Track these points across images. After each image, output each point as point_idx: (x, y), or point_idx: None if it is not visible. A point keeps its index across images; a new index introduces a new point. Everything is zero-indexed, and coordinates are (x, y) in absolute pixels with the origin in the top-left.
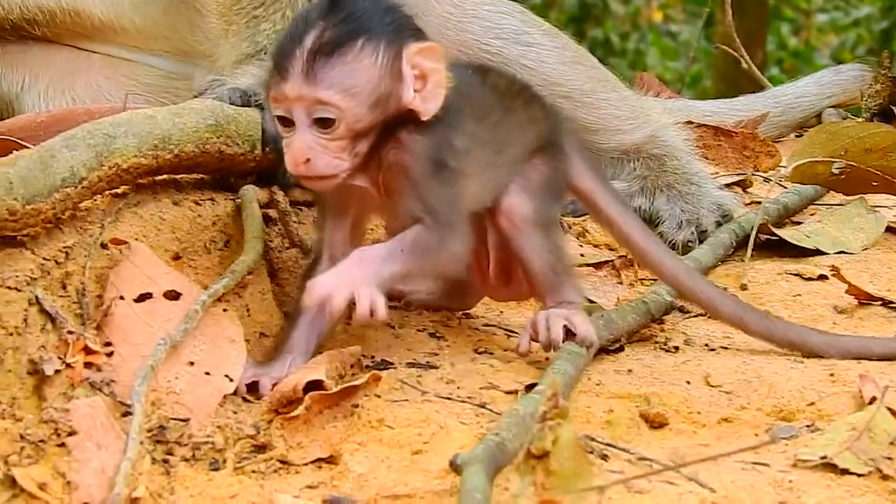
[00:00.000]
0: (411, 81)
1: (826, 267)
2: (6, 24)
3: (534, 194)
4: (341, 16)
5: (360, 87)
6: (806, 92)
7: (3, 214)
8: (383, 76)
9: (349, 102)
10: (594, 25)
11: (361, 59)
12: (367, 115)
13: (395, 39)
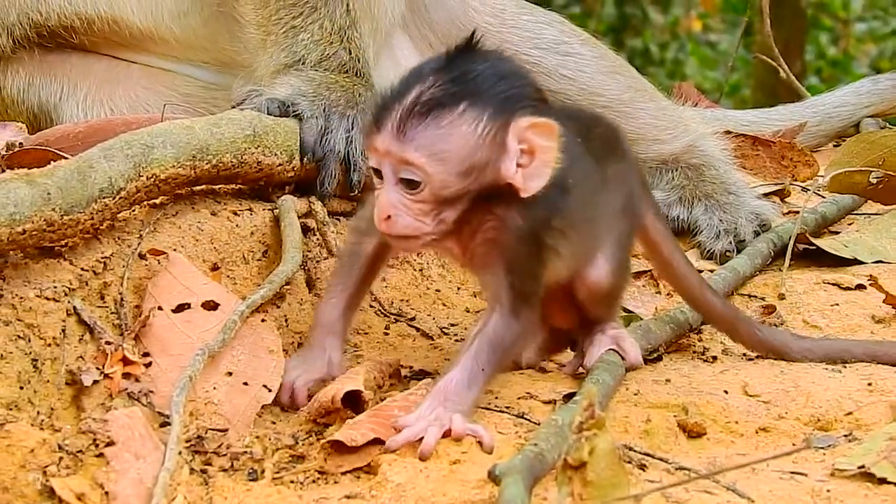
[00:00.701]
0: (516, 156)
1: (864, 276)
2: (44, 31)
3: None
4: (452, 75)
5: (451, 153)
6: (844, 101)
7: (41, 225)
8: (481, 146)
9: (436, 167)
10: (633, 35)
11: (459, 125)
12: (456, 183)
13: (503, 110)
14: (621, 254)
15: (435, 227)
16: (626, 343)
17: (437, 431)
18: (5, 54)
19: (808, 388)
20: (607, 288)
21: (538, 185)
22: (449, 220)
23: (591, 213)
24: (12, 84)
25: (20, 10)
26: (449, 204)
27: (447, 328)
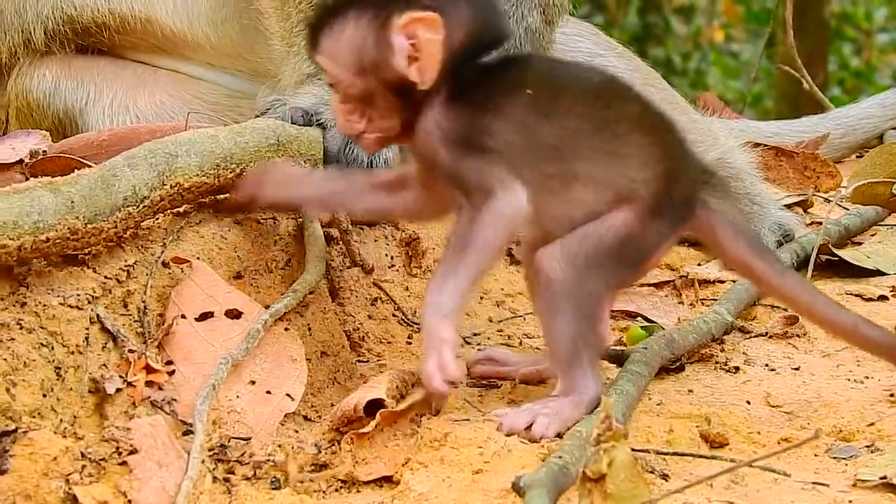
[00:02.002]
0: (404, 51)
1: (887, 287)
2: (77, 27)
3: (579, 258)
4: None
5: (343, 54)
6: (869, 114)
7: (64, 233)
8: (367, 45)
9: (335, 69)
10: (656, 45)
11: (346, 27)
12: (357, 82)
13: (384, 8)
14: (595, 260)
15: (368, 126)
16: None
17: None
18: (38, 51)
19: (830, 398)
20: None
21: (430, 78)
22: (379, 120)
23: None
24: (38, 88)
25: (54, 4)
26: (366, 103)
27: (470, 338)
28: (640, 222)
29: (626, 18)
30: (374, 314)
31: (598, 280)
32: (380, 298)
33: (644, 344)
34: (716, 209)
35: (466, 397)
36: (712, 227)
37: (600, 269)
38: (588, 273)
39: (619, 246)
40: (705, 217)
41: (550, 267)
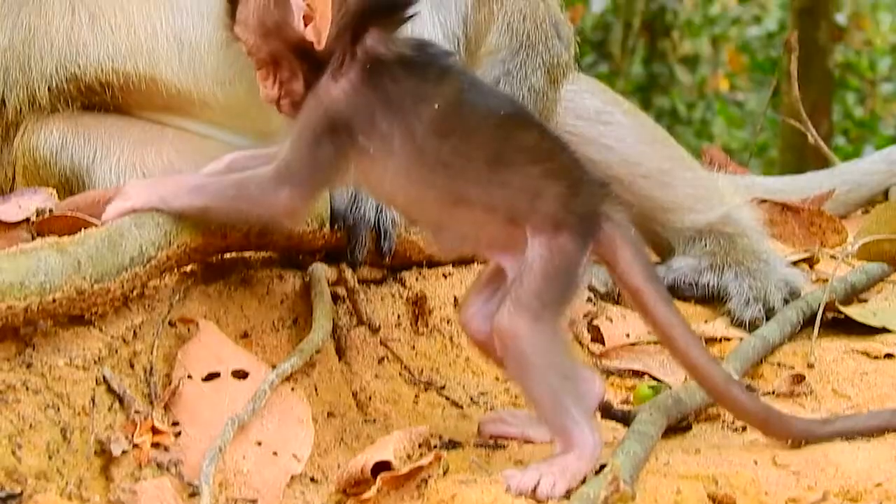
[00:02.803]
0: (300, 11)
1: (893, 345)
2: (81, 86)
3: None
4: None
5: (249, 17)
6: (874, 169)
7: (71, 293)
8: (268, 6)
9: (244, 33)
10: (660, 94)
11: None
12: (262, 44)
13: None
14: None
15: (280, 91)
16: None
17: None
18: (43, 109)
19: (837, 458)
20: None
21: (325, 38)
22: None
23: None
24: (45, 145)
25: (58, 62)
26: (274, 66)
27: (477, 397)
28: (555, 243)
29: (631, 68)
30: (381, 373)
31: (552, 315)
32: (387, 357)
33: (651, 403)
34: (618, 223)
35: (474, 458)
36: (614, 243)
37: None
38: (542, 313)
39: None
40: (610, 231)
41: (512, 324)
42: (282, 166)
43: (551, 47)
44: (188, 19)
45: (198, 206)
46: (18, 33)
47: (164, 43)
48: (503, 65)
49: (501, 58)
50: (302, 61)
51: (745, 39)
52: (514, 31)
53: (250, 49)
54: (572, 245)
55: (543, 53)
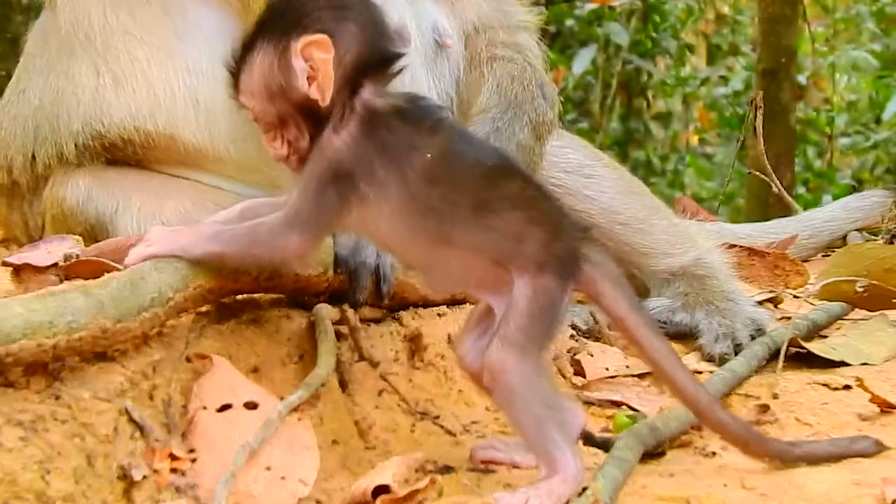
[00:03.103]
0: (304, 73)
1: (851, 378)
2: (105, 142)
3: (517, 335)
4: (256, 23)
5: (255, 84)
6: (833, 216)
7: (95, 332)
8: (273, 72)
9: (251, 101)
10: (636, 148)
11: (255, 59)
12: (270, 109)
13: (283, 35)
14: (530, 334)
15: (289, 150)
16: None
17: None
18: (70, 163)
19: (800, 481)
20: (505, 374)
21: (329, 94)
22: (298, 142)
23: (437, 205)
24: (72, 196)
25: (84, 120)
26: (281, 127)
27: (469, 426)
28: (538, 283)
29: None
30: (381, 404)
31: (537, 351)
32: (386, 390)
33: (629, 431)
34: (598, 262)
35: (466, 482)
36: (595, 280)
37: (535, 340)
38: (528, 348)
39: (539, 311)
40: (590, 271)
41: (501, 360)
42: (291, 213)
43: (537, 107)
44: (204, 82)
45: (215, 253)
46: (48, 94)
47: (182, 104)
48: (493, 122)
49: (492, 116)
50: (306, 118)
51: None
52: (503, 92)
53: (257, 115)
54: (554, 285)
55: (530, 112)
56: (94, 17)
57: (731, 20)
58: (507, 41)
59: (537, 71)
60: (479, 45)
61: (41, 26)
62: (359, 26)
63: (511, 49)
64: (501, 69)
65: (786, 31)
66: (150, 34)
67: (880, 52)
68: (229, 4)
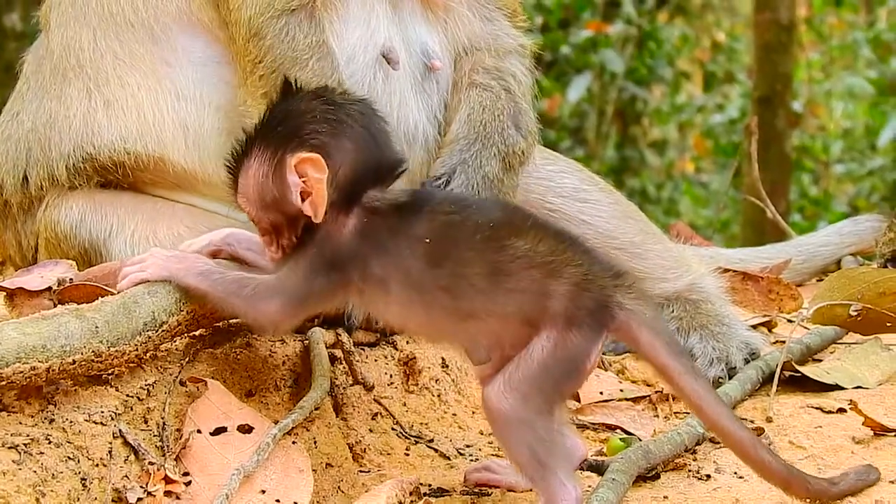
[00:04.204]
0: (297, 188)
1: (845, 401)
2: (96, 165)
3: (523, 384)
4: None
5: (250, 191)
6: (827, 241)
7: (89, 356)
8: (267, 183)
9: (247, 206)
10: (632, 175)
11: (251, 167)
12: (263, 216)
13: (279, 149)
14: (537, 386)
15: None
16: None
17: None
18: (62, 186)
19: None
20: (501, 414)
21: (321, 213)
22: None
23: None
24: (66, 220)
25: (75, 143)
26: (276, 234)
27: (463, 449)
28: (564, 338)
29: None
30: (375, 428)
31: (543, 399)
32: (380, 413)
33: (623, 454)
34: (632, 309)
35: None
36: (631, 328)
37: (542, 390)
38: (533, 396)
39: (554, 364)
40: (624, 318)
41: (498, 400)
42: (278, 283)
43: (507, 137)
44: (191, 106)
45: (200, 290)
46: (41, 117)
47: (171, 127)
48: (460, 154)
49: (459, 148)
50: (301, 229)
51: (710, 126)
52: (472, 123)
53: (253, 218)
54: (581, 340)
55: (499, 143)
56: (85, 43)
57: (726, 48)
58: (491, 66)
59: (515, 98)
60: (464, 68)
61: (36, 50)
62: (354, 141)
63: (491, 75)
64: (475, 98)
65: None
66: (139, 60)
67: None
68: (215, 36)
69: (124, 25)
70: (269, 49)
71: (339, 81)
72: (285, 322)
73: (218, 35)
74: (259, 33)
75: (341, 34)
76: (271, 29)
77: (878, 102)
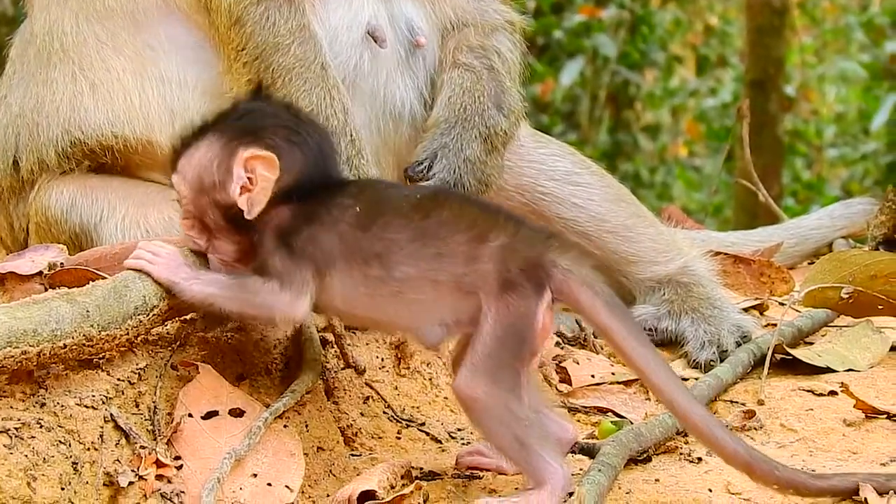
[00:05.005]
0: (240, 181)
1: (836, 383)
2: (85, 150)
3: (485, 362)
4: (215, 115)
5: (190, 172)
6: (819, 224)
7: (80, 340)
8: (210, 169)
9: (180, 185)
10: (625, 160)
11: (199, 149)
12: (195, 200)
13: (233, 140)
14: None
15: (210, 248)
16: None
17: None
18: (52, 170)
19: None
20: (474, 401)
21: (257, 211)
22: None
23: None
24: (56, 205)
25: (63, 127)
26: (199, 221)
27: (454, 432)
28: (503, 303)
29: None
30: (367, 412)
31: (509, 374)
32: (371, 397)
33: (614, 437)
34: (568, 268)
35: (451, 488)
36: (570, 288)
37: (504, 363)
38: (498, 373)
39: (503, 332)
40: (562, 278)
41: (468, 387)
42: (280, 277)
43: (487, 119)
44: (176, 90)
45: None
46: (28, 101)
47: (157, 111)
48: (441, 138)
49: (440, 131)
50: (225, 220)
51: (702, 110)
52: (452, 106)
53: (181, 199)
54: (520, 301)
55: (480, 126)
56: (68, 27)
57: (719, 31)
58: (475, 44)
59: (498, 76)
60: (449, 46)
61: (22, 33)
62: (305, 154)
63: (475, 54)
64: (456, 80)
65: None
66: (122, 44)
67: (869, 63)
68: (196, 22)
69: (104, 10)
70: (251, 36)
71: (323, 65)
72: (304, 309)
73: (199, 21)
74: (240, 21)
75: (324, 15)
76: (251, 16)
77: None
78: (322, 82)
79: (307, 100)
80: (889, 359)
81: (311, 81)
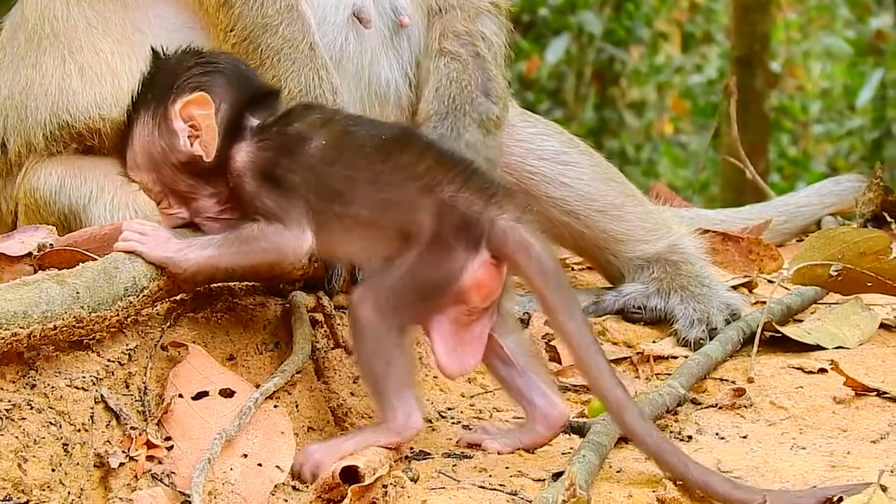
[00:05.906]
0: (185, 133)
1: (825, 361)
2: (73, 132)
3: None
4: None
5: (139, 158)
6: (807, 202)
7: (70, 321)
8: (154, 139)
9: (137, 175)
10: (611, 137)
11: (135, 135)
12: (156, 177)
13: (160, 101)
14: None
15: (191, 209)
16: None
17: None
18: (41, 153)
19: (775, 464)
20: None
21: (213, 150)
22: (195, 202)
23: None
24: (45, 186)
25: (51, 110)
26: (172, 192)
27: (444, 412)
28: (428, 254)
29: (583, 113)
30: (357, 391)
31: (404, 315)
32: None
33: (604, 416)
34: (507, 229)
35: (442, 467)
36: (507, 246)
37: (401, 302)
38: (394, 311)
39: (412, 279)
40: (500, 238)
41: (356, 308)
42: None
43: (478, 105)
44: None
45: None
46: (17, 84)
47: None
48: (435, 130)
49: (433, 125)
50: (194, 177)
51: (688, 86)
52: (441, 98)
53: (146, 186)
54: (445, 255)
55: (471, 113)
56: (58, 11)
57: (704, 8)
58: (461, 30)
59: (485, 63)
60: (435, 32)
61: (13, 17)
62: (227, 77)
63: (461, 41)
64: (443, 70)
65: (759, 18)
66: (111, 26)
67: (854, 39)
68: (185, 3)
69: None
70: (239, 17)
71: (312, 45)
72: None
73: (187, 2)
74: (228, 2)
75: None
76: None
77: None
78: (311, 62)
79: (296, 80)
80: (878, 336)
81: (299, 62)
